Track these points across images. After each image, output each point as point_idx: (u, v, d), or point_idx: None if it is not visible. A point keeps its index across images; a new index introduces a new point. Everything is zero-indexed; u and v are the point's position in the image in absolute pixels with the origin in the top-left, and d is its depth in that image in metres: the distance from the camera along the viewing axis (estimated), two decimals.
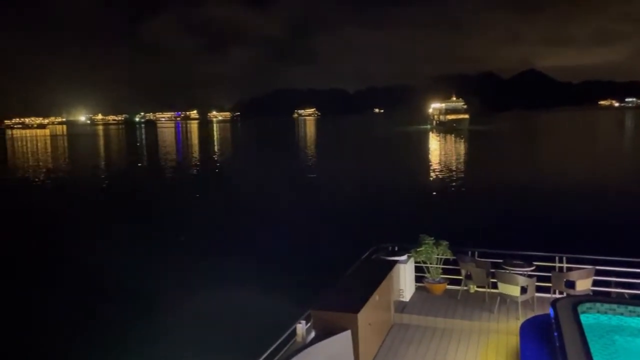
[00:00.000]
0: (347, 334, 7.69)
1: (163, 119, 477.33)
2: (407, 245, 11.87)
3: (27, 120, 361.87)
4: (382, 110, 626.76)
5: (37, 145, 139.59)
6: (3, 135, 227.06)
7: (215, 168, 66.89)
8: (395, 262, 10.96)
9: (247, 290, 18.62)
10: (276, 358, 7.65)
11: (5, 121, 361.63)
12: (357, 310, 8.11)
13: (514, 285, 10.22)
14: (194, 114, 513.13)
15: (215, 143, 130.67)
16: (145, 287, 19.45)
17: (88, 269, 22.67)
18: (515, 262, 11.10)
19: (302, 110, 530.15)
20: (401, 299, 11.19)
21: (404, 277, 11.27)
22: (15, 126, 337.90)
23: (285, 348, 8.07)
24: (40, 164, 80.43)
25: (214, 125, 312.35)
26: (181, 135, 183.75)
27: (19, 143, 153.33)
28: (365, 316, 8.35)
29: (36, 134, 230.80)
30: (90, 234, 30.21)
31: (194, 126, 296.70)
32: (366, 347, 8.49)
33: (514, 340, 9.22)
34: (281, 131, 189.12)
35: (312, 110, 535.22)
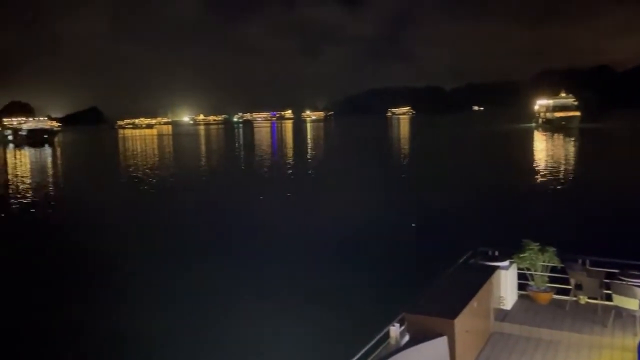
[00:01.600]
0: (443, 340, 7.48)
1: (259, 119, 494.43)
2: (509, 250, 11.27)
3: (136, 120, 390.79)
4: (481, 108, 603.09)
5: (145, 143, 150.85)
6: (116, 134, 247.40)
7: (308, 167, 68.05)
8: (496, 267, 10.43)
9: (340, 289, 18.88)
10: (370, 359, 7.56)
11: (118, 122, 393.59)
12: (454, 316, 7.84)
13: (632, 299, 9.29)
14: (288, 113, 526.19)
15: (309, 142, 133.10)
16: (244, 282, 20.24)
17: (188, 263, 24.07)
18: (633, 272, 10.08)
19: (396, 109, 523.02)
20: (502, 307, 10.64)
21: (505, 284, 10.70)
22: (126, 126, 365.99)
23: (378, 350, 7.98)
24: (148, 161, 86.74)
25: (308, 124, 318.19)
26: (276, 134, 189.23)
27: (130, 142, 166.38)
28: (463, 323, 8.04)
29: (145, 133, 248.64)
30: (190, 228, 32.12)
31: (288, 125, 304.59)
32: (463, 355, 8.16)
33: (631, 357, 8.43)
34: (374, 130, 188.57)
35: (407, 108, 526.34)
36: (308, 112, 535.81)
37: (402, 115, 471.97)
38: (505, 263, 10.80)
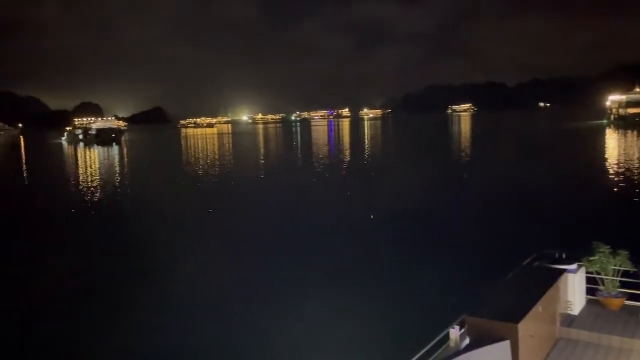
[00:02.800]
0: (506, 344, 7.21)
1: (317, 118, 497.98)
2: (577, 253, 10.65)
3: (198, 120, 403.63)
4: (547, 105, 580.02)
5: (206, 142, 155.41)
6: (179, 133, 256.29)
7: (366, 166, 67.66)
8: (563, 271, 9.89)
9: (400, 289, 18.87)
10: None
11: (181, 121, 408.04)
12: (518, 320, 7.52)
13: None
14: (346, 112, 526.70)
15: (366, 141, 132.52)
16: (303, 281, 20.28)
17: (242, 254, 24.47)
18: None
19: (457, 106, 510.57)
20: (569, 312, 10.09)
21: (573, 288, 10.13)
22: (189, 125, 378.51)
23: (438, 353, 7.81)
24: (208, 159, 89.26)
25: (365, 122, 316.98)
26: (333, 133, 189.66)
27: (191, 141, 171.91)
28: (527, 327, 7.69)
29: (206, 132, 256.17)
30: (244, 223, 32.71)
31: (345, 124, 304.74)
32: None
33: None
34: (434, 128, 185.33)
35: (468, 105, 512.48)
36: (366, 110, 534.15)
37: (463, 113, 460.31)
38: (573, 266, 10.26)
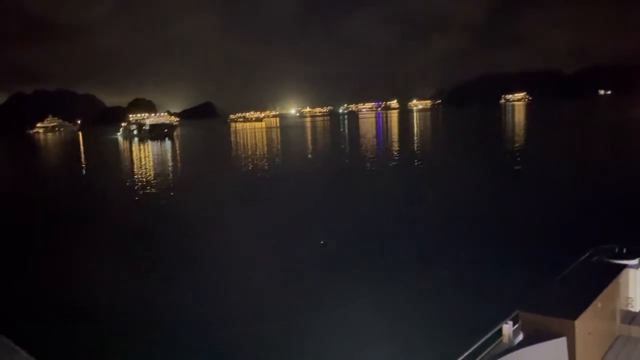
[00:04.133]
0: (562, 341, 6.98)
1: (364, 110, 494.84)
2: (638, 248, 10.00)
3: (247, 114, 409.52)
4: (608, 92, 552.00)
5: (254, 136, 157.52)
6: (229, 128, 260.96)
7: (415, 160, 66.52)
8: (624, 266, 9.30)
9: (453, 282, 18.61)
10: (480, 356, 7.23)
11: (230, 115, 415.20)
12: (575, 317, 7.19)
13: None
14: (394, 103, 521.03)
15: (415, 133, 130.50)
16: (359, 275, 20.22)
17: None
18: None
19: (510, 95, 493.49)
20: (630, 309, 9.51)
21: (635, 284, 9.52)
22: (238, 120, 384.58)
23: (491, 347, 7.57)
24: (257, 152, 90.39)
25: (414, 114, 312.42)
26: (381, 125, 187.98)
27: (240, 134, 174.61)
28: (585, 324, 7.34)
29: (254, 126, 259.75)
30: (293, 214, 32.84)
31: (393, 116, 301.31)
32: (584, 359, 7.44)
33: None
34: (485, 118, 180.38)
35: (522, 94, 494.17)
36: (415, 101, 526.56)
37: (517, 102, 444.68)
38: (635, 261, 9.65)
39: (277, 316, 16.91)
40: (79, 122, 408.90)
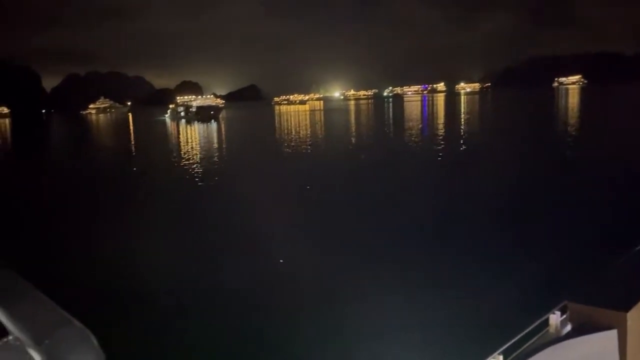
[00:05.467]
0: (612, 334, 6.60)
1: (410, 93, 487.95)
2: None
3: (291, 97, 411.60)
4: None
5: (297, 118, 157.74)
6: (273, 110, 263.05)
7: (460, 143, 64.56)
8: None
9: (499, 270, 18.07)
10: (526, 345, 6.70)
11: (275, 98, 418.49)
12: (627, 308, 6.68)
13: None
14: (440, 86, 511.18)
15: (462, 117, 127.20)
16: (400, 264, 19.61)
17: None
18: None
19: (564, 78, 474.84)
20: None
21: None
22: (282, 102, 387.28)
23: (536, 337, 7.05)
24: (300, 135, 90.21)
25: (462, 97, 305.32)
26: (427, 108, 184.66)
27: (284, 117, 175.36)
28: (638, 317, 6.84)
29: (298, 109, 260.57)
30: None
31: (440, 99, 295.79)
32: (637, 353, 6.92)
33: None
34: (537, 102, 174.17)
35: (577, 77, 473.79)
36: (462, 84, 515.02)
37: (571, 86, 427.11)
38: None
39: (329, 300, 16.55)
40: (129, 103, 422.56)
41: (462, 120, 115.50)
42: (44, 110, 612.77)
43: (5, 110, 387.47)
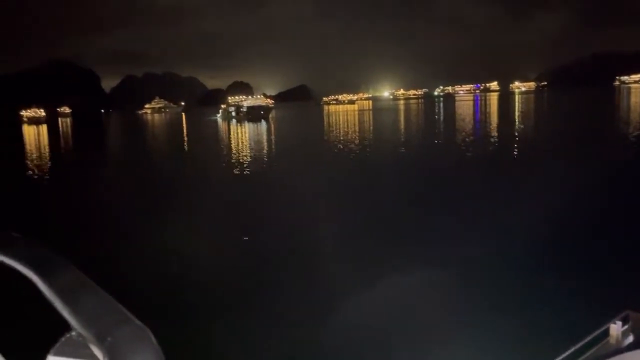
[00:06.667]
0: None
1: (461, 92, 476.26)
2: None
3: (340, 96, 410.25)
4: None
5: (347, 118, 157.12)
6: (322, 110, 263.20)
7: (517, 150, 62.30)
8: None
9: (558, 278, 17.44)
10: (585, 356, 6.67)
11: (324, 98, 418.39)
12: None
13: None
14: (494, 85, 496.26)
15: (516, 117, 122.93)
16: (455, 269, 19.17)
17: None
18: None
19: (627, 77, 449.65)
20: None
21: None
22: (331, 102, 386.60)
23: (596, 347, 6.88)
24: (348, 135, 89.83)
25: (516, 97, 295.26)
26: (479, 108, 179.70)
27: (333, 117, 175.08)
28: None
29: (347, 109, 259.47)
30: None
31: (493, 98, 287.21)
32: None
33: None
34: (597, 102, 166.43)
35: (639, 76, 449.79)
36: (517, 83, 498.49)
37: (634, 85, 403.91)
38: None
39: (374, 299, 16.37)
40: (182, 103, 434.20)
41: (517, 121, 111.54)
42: (102, 110, 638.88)
43: (67, 110, 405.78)
